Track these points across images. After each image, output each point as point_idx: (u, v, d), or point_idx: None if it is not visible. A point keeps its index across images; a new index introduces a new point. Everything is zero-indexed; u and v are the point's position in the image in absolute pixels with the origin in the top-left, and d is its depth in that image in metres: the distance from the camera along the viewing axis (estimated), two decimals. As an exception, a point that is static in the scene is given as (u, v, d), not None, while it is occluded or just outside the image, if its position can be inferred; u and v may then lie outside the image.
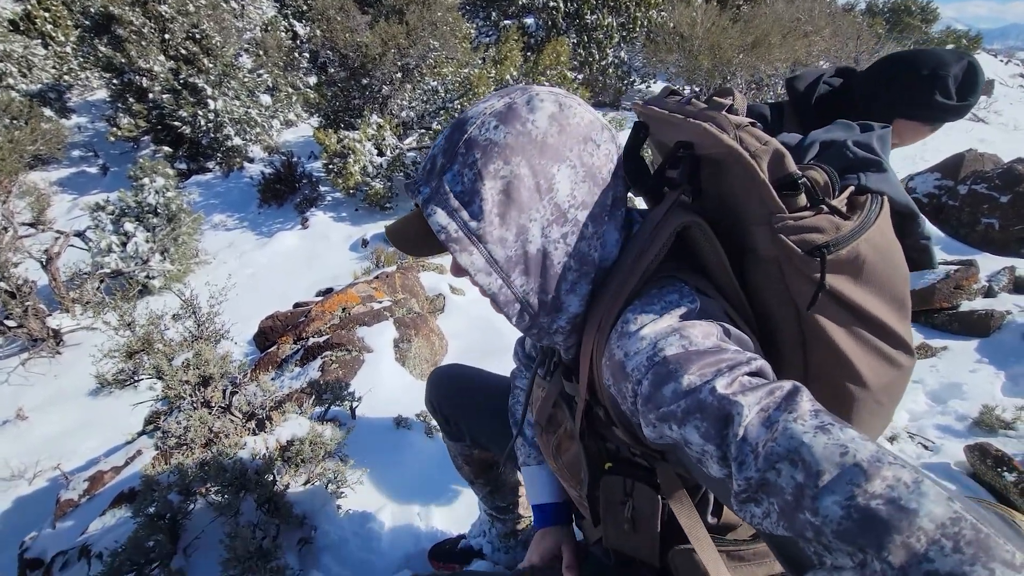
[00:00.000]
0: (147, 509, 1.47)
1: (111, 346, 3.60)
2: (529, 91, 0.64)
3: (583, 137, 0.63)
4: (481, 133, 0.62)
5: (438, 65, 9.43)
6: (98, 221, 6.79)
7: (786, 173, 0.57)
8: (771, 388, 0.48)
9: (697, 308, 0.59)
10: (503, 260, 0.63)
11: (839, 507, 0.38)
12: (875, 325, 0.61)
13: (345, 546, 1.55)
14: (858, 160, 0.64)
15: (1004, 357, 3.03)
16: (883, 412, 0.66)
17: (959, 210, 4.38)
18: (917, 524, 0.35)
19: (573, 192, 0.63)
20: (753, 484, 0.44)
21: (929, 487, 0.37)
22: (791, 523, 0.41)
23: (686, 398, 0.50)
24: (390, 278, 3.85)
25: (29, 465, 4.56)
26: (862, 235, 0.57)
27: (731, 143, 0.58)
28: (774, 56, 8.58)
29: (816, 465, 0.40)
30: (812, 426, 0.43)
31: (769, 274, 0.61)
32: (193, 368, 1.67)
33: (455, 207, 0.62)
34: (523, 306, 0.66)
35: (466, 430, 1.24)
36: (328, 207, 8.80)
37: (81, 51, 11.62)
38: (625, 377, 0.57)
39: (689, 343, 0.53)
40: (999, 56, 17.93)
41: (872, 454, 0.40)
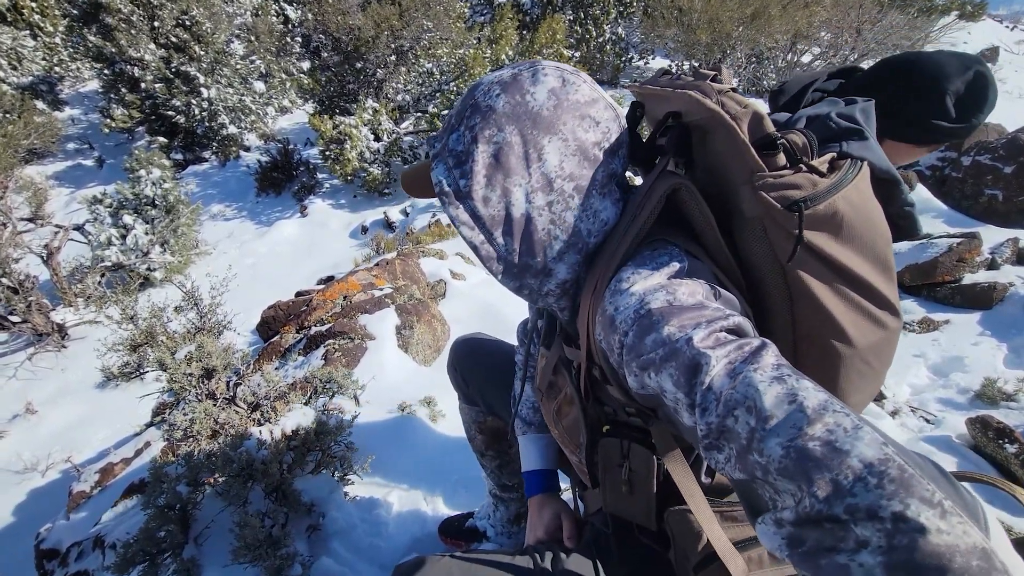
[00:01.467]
0: (157, 500, 1.49)
1: (115, 340, 3.62)
2: (537, 65, 0.68)
3: (580, 114, 0.66)
4: (484, 99, 0.67)
5: (432, 46, 9.28)
6: (96, 214, 6.77)
7: (765, 133, 0.61)
8: (741, 343, 0.50)
9: (686, 267, 0.62)
10: (486, 218, 0.68)
11: (780, 447, 0.41)
12: (859, 284, 0.63)
13: (353, 532, 1.58)
14: (840, 129, 0.67)
15: (1006, 329, 3.02)
16: (872, 374, 0.68)
17: (962, 182, 4.34)
18: (847, 463, 0.38)
19: (562, 164, 0.66)
20: (714, 429, 0.47)
21: (867, 433, 0.39)
22: (744, 464, 0.45)
23: (664, 347, 0.53)
24: (390, 265, 3.85)
25: (41, 458, 4.63)
26: (839, 191, 0.60)
27: (713, 106, 0.62)
28: (774, 28, 8.43)
29: (766, 410, 0.43)
30: (770, 376, 0.45)
31: (755, 233, 0.64)
32: (196, 361, 1.68)
33: (451, 165, 0.69)
34: (506, 264, 0.70)
35: (481, 395, 1.29)
36: (326, 194, 8.76)
37: (70, 41, 11.47)
38: (614, 330, 0.60)
39: (674, 298, 0.57)
40: (1004, 22, 17.55)
41: (820, 403, 0.42)
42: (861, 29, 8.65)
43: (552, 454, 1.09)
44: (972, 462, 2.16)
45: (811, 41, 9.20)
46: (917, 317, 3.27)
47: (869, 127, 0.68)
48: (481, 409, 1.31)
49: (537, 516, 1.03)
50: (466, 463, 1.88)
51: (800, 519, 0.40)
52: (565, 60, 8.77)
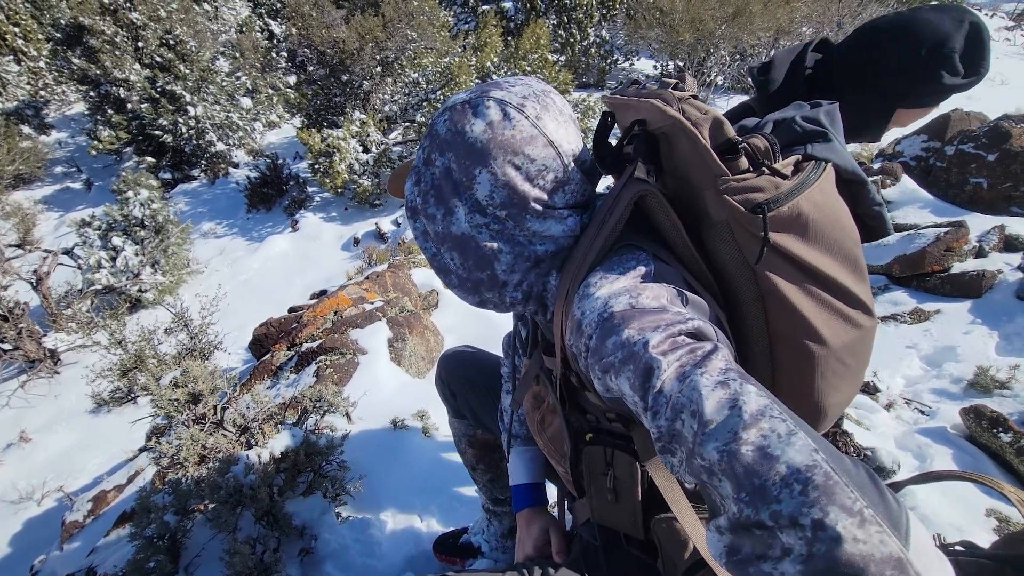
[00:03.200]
0: (145, 531, 1.47)
1: (104, 366, 3.58)
2: (484, 96, 0.69)
3: (513, 151, 0.67)
4: (437, 122, 0.71)
5: (417, 56, 9.30)
6: (85, 237, 6.74)
7: (726, 139, 0.62)
8: (693, 347, 0.51)
9: (652, 271, 0.62)
10: (432, 234, 0.72)
11: (716, 452, 0.42)
12: (829, 284, 0.64)
13: (346, 553, 1.55)
14: (805, 132, 0.68)
15: (996, 317, 3.04)
16: (849, 373, 0.68)
17: (947, 171, 4.36)
18: (776, 468, 0.38)
19: (492, 195, 0.68)
20: (664, 433, 0.48)
21: (799, 439, 0.39)
22: (691, 468, 0.45)
23: (623, 349, 0.54)
24: (381, 278, 3.83)
25: (36, 487, 4.58)
26: (801, 193, 0.60)
27: (674, 114, 0.63)
28: (756, 25, 8.48)
29: (706, 415, 0.44)
30: (715, 381, 0.46)
31: (722, 237, 0.64)
32: (181, 386, 1.66)
33: (413, 180, 0.74)
34: (459, 279, 0.73)
35: (470, 408, 1.28)
36: (317, 208, 8.74)
37: (55, 65, 11.44)
38: (580, 333, 0.61)
39: (636, 302, 0.57)
40: (984, 10, 17.74)
41: (759, 408, 0.42)
42: (842, 23, 8.72)
43: (539, 467, 1.09)
44: (967, 452, 2.16)
45: (793, 36, 9.26)
46: (908, 308, 3.27)
47: (834, 129, 0.69)
48: (470, 423, 1.31)
49: (525, 532, 1.02)
50: (460, 478, 1.87)
51: (733, 525, 0.40)
52: (550, 65, 8.80)
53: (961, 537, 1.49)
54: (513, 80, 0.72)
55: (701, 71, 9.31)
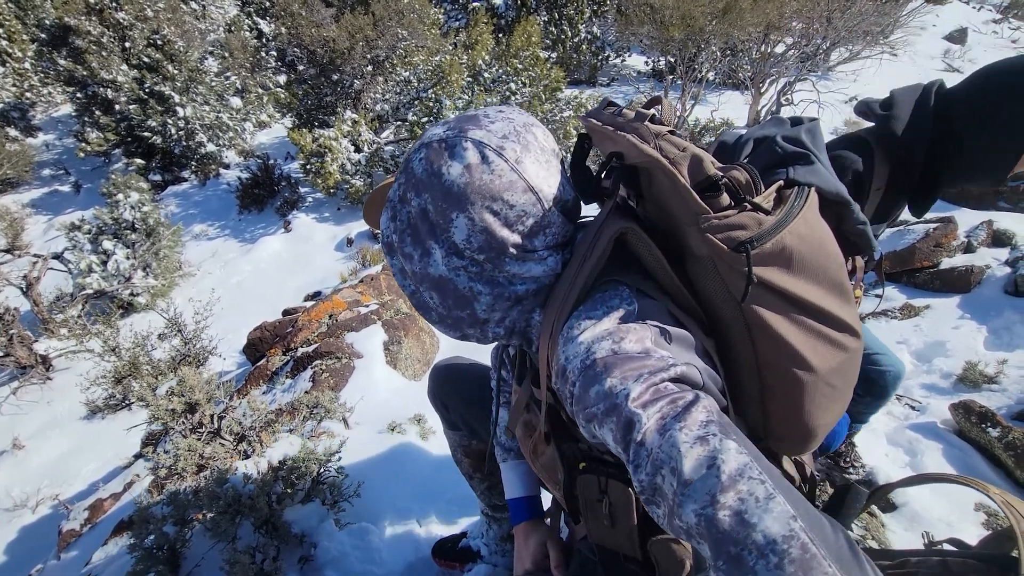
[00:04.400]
0: (144, 542, 1.47)
1: (97, 373, 3.56)
2: (463, 135, 0.65)
3: (491, 196, 0.64)
4: (413, 159, 0.68)
5: (408, 55, 9.26)
6: (75, 241, 6.68)
7: (705, 176, 0.60)
8: (675, 398, 0.50)
9: (636, 310, 0.61)
10: (409, 273, 0.70)
11: (694, 514, 0.42)
12: (814, 311, 0.63)
13: (346, 560, 1.56)
14: (787, 154, 0.67)
15: (985, 311, 3.08)
16: (837, 395, 0.69)
17: (936, 166, 4.40)
18: (752, 538, 0.38)
19: (469, 239, 0.65)
20: (646, 487, 0.48)
21: (777, 504, 0.39)
22: (672, 526, 0.45)
23: (605, 400, 0.53)
24: (375, 280, 3.83)
25: (31, 494, 4.55)
26: (785, 228, 0.59)
27: (651, 152, 0.62)
28: (746, 21, 8.49)
29: (685, 474, 0.44)
30: (694, 436, 0.45)
31: (707, 271, 0.64)
32: (177, 396, 1.66)
33: (389, 216, 0.71)
34: (439, 316, 0.72)
35: (463, 420, 1.28)
36: (310, 208, 8.69)
37: (41, 66, 11.29)
38: (565, 380, 0.60)
39: (619, 347, 0.56)
40: (971, 3, 17.85)
41: (738, 468, 0.42)
42: (831, 17, 8.75)
43: (533, 479, 1.09)
44: (957, 447, 2.20)
45: (783, 32, 9.29)
46: (898, 304, 3.31)
47: (816, 147, 0.68)
48: (464, 434, 1.31)
49: (524, 546, 1.02)
50: (457, 481, 1.87)
51: None
52: (541, 63, 8.79)
53: (951, 533, 1.52)
54: (493, 114, 0.68)
55: (692, 67, 9.32)
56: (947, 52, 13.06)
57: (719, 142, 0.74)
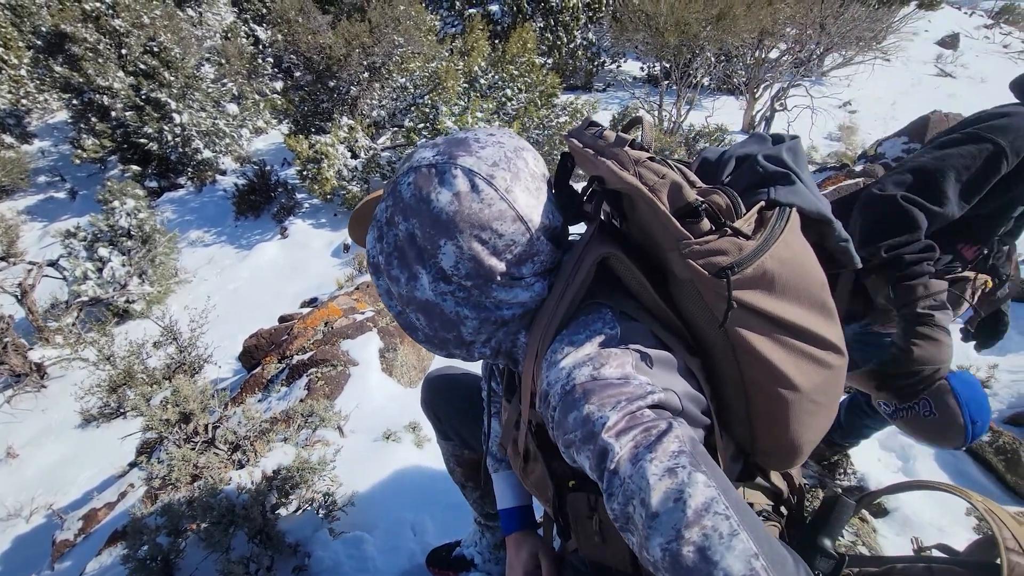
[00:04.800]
0: (138, 553, 1.47)
1: (92, 382, 3.55)
2: (453, 161, 0.65)
3: (480, 226, 0.64)
4: (401, 182, 0.67)
5: (405, 61, 9.30)
6: (71, 248, 6.66)
7: (685, 203, 0.60)
8: (648, 426, 0.51)
9: (617, 335, 0.62)
10: (395, 295, 0.70)
11: (660, 549, 0.43)
12: (798, 331, 0.63)
13: (340, 570, 1.56)
14: (768, 174, 0.67)
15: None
16: (822, 411, 0.69)
17: (928, 172, 4.44)
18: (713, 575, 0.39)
19: (457, 265, 0.66)
20: (619, 516, 0.49)
21: (740, 542, 0.40)
22: (642, 558, 0.46)
23: (582, 428, 0.54)
24: (371, 287, 3.84)
25: (25, 503, 4.52)
26: (765, 252, 0.59)
27: (631, 180, 0.62)
28: (740, 27, 8.57)
29: (652, 507, 0.45)
30: (664, 468, 0.46)
31: (689, 294, 0.64)
32: (172, 406, 1.66)
33: (376, 236, 0.71)
34: (425, 336, 0.72)
35: (455, 430, 1.29)
36: (306, 214, 8.69)
37: (36, 73, 11.28)
38: (547, 404, 0.61)
39: (599, 373, 0.57)
40: (962, 8, 18.04)
41: (704, 502, 0.43)
42: (824, 23, 8.83)
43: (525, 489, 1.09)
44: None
45: (777, 38, 9.38)
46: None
47: (797, 166, 0.68)
48: (457, 444, 1.31)
49: (516, 556, 1.03)
50: (451, 490, 1.87)
51: None
52: (537, 69, 8.83)
53: (941, 538, 1.53)
54: (484, 138, 0.68)
55: (687, 72, 9.39)
56: (939, 57, 13.18)
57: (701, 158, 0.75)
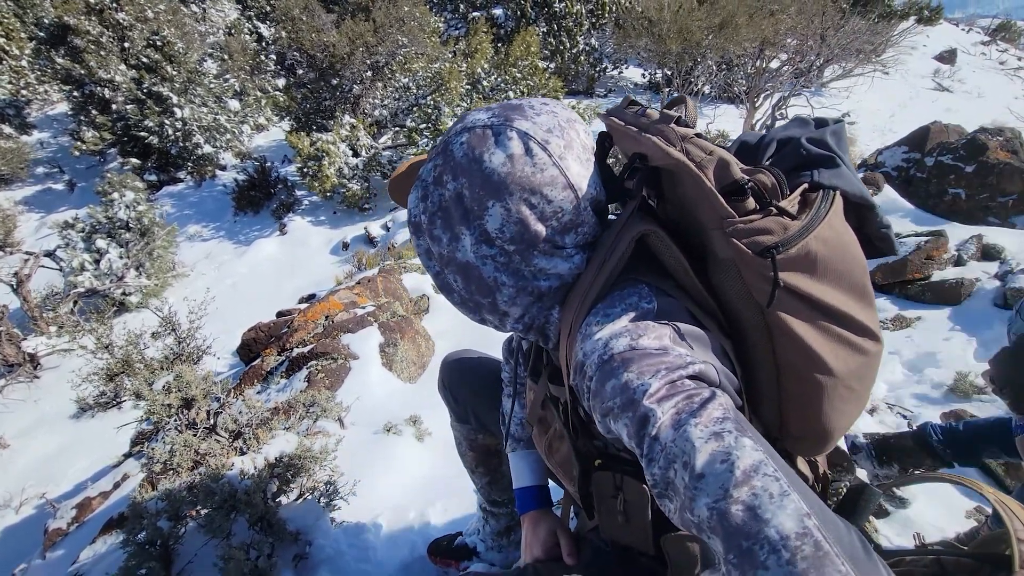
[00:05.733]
0: (137, 537, 1.45)
1: (90, 370, 3.52)
2: (509, 123, 0.65)
3: (531, 189, 0.64)
4: (453, 142, 0.67)
5: (408, 61, 9.32)
6: (68, 239, 6.63)
7: (732, 180, 0.60)
8: (691, 394, 0.51)
9: (654, 309, 0.61)
10: (436, 255, 0.70)
11: (707, 508, 0.42)
12: (837, 315, 0.62)
13: (341, 559, 1.55)
14: (812, 157, 0.66)
15: (975, 324, 3.12)
16: (855, 397, 0.69)
17: (927, 181, 4.49)
18: (764, 533, 0.38)
19: (502, 228, 0.66)
20: (659, 480, 0.48)
21: (792, 502, 0.39)
22: (683, 520, 0.45)
23: (622, 395, 0.53)
24: (372, 282, 3.83)
25: (15, 493, 4.47)
26: (810, 233, 0.59)
27: (678, 156, 0.61)
28: (742, 36, 8.64)
29: (698, 468, 0.44)
30: (709, 432, 0.46)
31: (729, 274, 0.63)
32: (175, 391, 1.65)
33: (420, 196, 0.70)
34: (460, 298, 0.72)
35: (473, 413, 1.28)
36: (306, 211, 8.69)
37: (38, 64, 11.24)
38: (583, 375, 0.60)
39: (636, 343, 0.57)
40: (960, 25, 18.27)
41: (753, 464, 0.42)
42: (825, 35, 8.92)
43: (542, 469, 1.08)
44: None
45: (778, 48, 9.46)
46: (890, 315, 3.36)
47: (841, 150, 0.67)
48: (473, 427, 1.30)
49: (533, 534, 1.01)
50: (453, 481, 1.87)
51: None
52: (540, 72, 8.88)
53: (942, 538, 1.53)
54: (539, 106, 0.68)
55: (688, 80, 9.45)
56: (937, 71, 13.33)
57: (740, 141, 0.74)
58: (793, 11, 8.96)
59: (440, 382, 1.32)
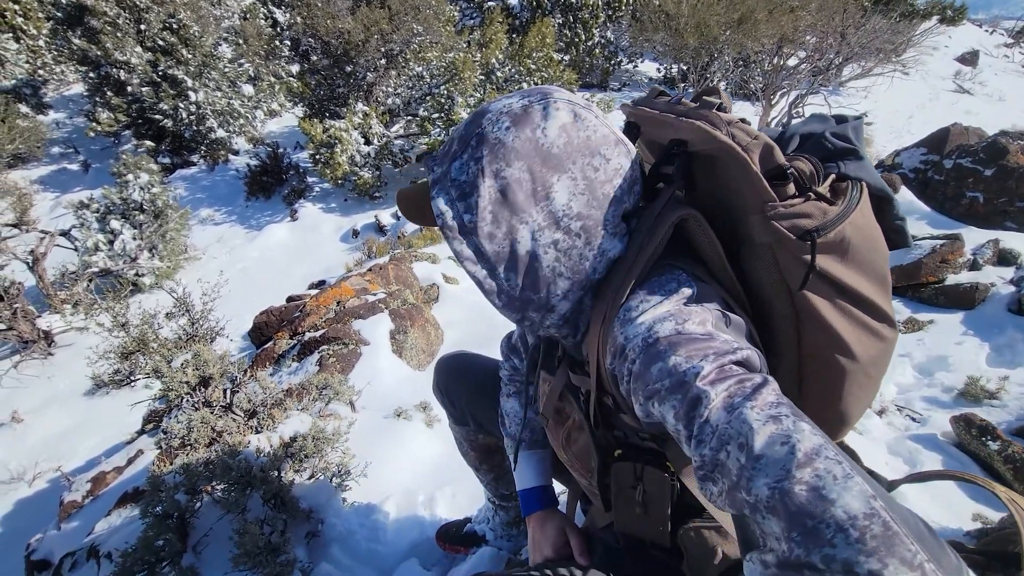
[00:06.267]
0: (155, 509, 1.49)
1: (106, 347, 3.58)
2: (549, 97, 0.66)
3: (591, 151, 0.65)
4: (493, 130, 0.64)
5: (422, 50, 9.29)
6: (83, 219, 6.70)
7: (776, 164, 0.62)
8: (742, 378, 0.51)
9: (695, 294, 0.62)
10: (490, 254, 0.66)
11: (767, 488, 0.42)
12: (861, 301, 0.65)
13: (352, 538, 1.58)
14: (836, 150, 0.68)
15: (988, 329, 3.10)
16: (871, 385, 0.71)
17: (944, 184, 4.43)
18: (831, 512, 0.38)
19: (569, 203, 0.64)
20: (707, 462, 0.48)
21: (856, 484, 0.39)
22: (733, 501, 0.45)
23: (670, 377, 0.53)
24: (383, 270, 3.85)
25: (28, 467, 4.57)
26: (847, 218, 0.61)
27: (724, 139, 0.62)
28: (760, 32, 8.54)
29: (757, 449, 0.44)
30: (766, 415, 0.46)
31: (763, 260, 0.65)
32: (192, 369, 1.68)
33: (454, 196, 0.66)
34: (508, 299, 0.69)
35: (470, 414, 1.27)
36: (317, 198, 8.72)
37: (55, 44, 11.31)
38: (623, 358, 0.61)
39: (683, 328, 0.57)
40: (984, 26, 17.92)
41: (813, 447, 0.42)
42: (845, 33, 8.79)
43: (546, 469, 1.08)
44: (956, 459, 2.22)
45: (797, 45, 9.34)
46: (902, 317, 3.34)
47: (860, 145, 0.70)
48: (471, 428, 1.29)
49: (541, 533, 1.00)
50: (462, 468, 1.88)
51: (781, 563, 0.40)
52: (554, 64, 8.83)
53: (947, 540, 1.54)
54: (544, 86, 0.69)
55: (704, 76, 9.36)
56: (958, 73, 13.12)
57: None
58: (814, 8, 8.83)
59: (435, 385, 1.30)
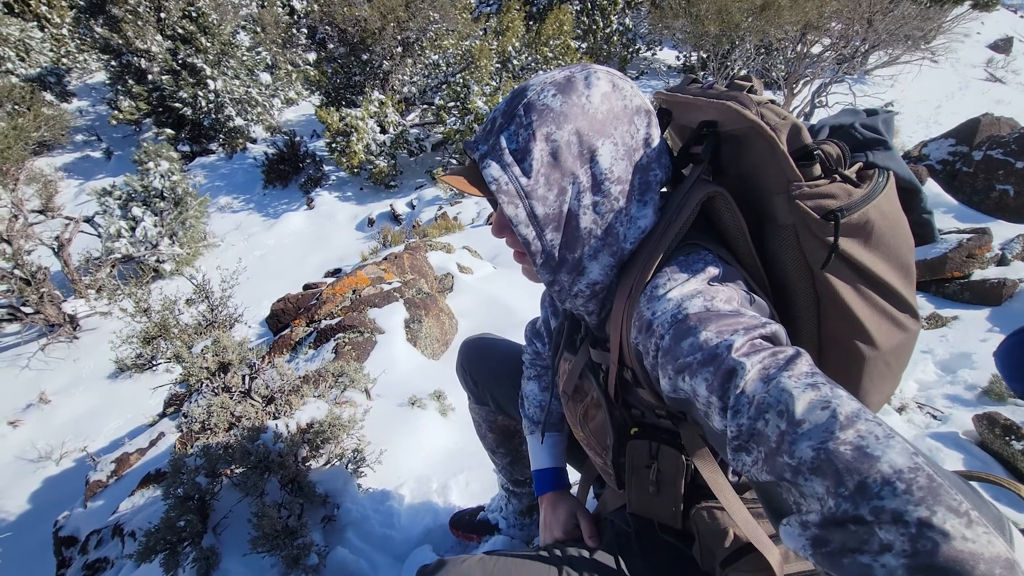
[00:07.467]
0: (176, 490, 1.53)
1: (128, 332, 3.67)
2: (588, 68, 0.69)
3: (628, 118, 0.68)
4: (539, 98, 0.67)
5: (439, 38, 9.25)
6: (106, 206, 6.84)
7: (803, 145, 0.63)
8: (775, 351, 0.52)
9: (721, 273, 0.63)
10: (541, 216, 0.68)
11: (811, 449, 0.42)
12: (883, 288, 0.65)
13: (367, 523, 1.61)
14: (866, 140, 0.69)
15: (1015, 326, 2.99)
16: (891, 374, 0.71)
17: (973, 176, 4.30)
18: (876, 467, 0.39)
19: (612, 167, 0.67)
20: (744, 431, 0.49)
21: (898, 442, 0.40)
22: (772, 466, 0.46)
23: (702, 351, 0.54)
24: (399, 259, 3.87)
25: (55, 447, 4.72)
26: (871, 201, 0.62)
27: (754, 118, 0.64)
28: (784, 19, 8.33)
29: (798, 415, 0.45)
30: (804, 383, 0.47)
31: (786, 240, 0.66)
32: (212, 355, 1.71)
33: (508, 162, 0.68)
34: (547, 258, 0.71)
35: (491, 395, 1.30)
36: (333, 186, 8.78)
37: (77, 33, 11.49)
38: (651, 333, 0.61)
39: (711, 304, 0.58)
40: (1018, 12, 17.25)
41: (853, 411, 0.43)
42: (872, 19, 8.53)
43: (561, 452, 1.10)
44: (978, 458, 2.17)
45: (821, 32, 9.09)
46: (926, 313, 3.26)
47: (889, 136, 0.70)
48: (491, 409, 1.32)
49: (552, 515, 1.03)
50: (476, 456, 1.91)
51: (826, 520, 0.41)
52: (572, 52, 8.72)
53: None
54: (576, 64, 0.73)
55: (725, 63, 9.18)
56: (990, 61, 12.66)
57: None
58: (840, -7, 8.58)
59: (459, 364, 1.33)
